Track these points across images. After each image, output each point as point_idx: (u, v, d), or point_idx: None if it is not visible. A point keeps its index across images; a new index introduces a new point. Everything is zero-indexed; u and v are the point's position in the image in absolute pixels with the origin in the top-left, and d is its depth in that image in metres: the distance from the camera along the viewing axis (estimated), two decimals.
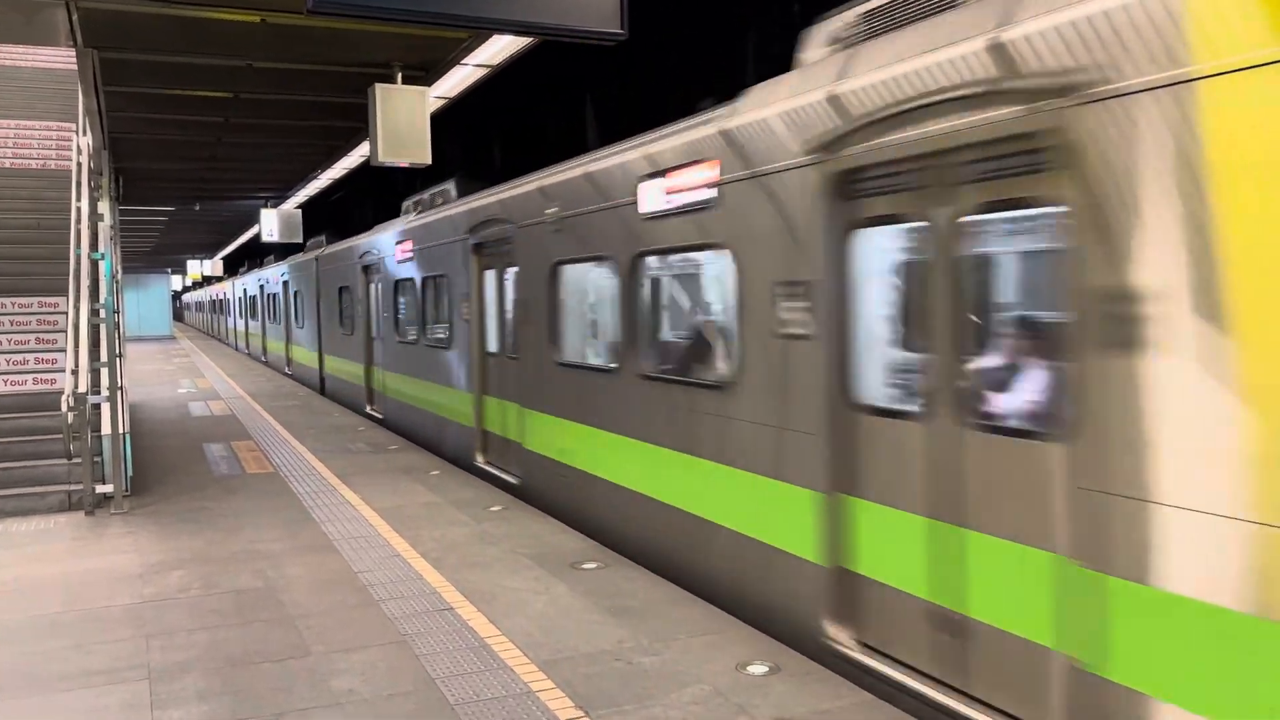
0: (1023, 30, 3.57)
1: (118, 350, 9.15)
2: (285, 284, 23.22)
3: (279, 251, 26.38)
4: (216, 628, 5.47)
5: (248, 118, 13.25)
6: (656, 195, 6.25)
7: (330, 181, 19.17)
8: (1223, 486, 2.93)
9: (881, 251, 4.74)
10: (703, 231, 5.80)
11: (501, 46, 9.63)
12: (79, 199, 10.94)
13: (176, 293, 64.96)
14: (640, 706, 4.34)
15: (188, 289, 67.31)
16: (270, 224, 20.04)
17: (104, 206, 10.42)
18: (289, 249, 24.02)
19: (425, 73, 10.32)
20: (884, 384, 4.76)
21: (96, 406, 8.81)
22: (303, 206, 21.81)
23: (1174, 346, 3.06)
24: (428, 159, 9.41)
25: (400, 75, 9.80)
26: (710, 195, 5.65)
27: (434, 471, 10.11)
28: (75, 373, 8.71)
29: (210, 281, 49.92)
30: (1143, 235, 3.15)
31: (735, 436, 5.55)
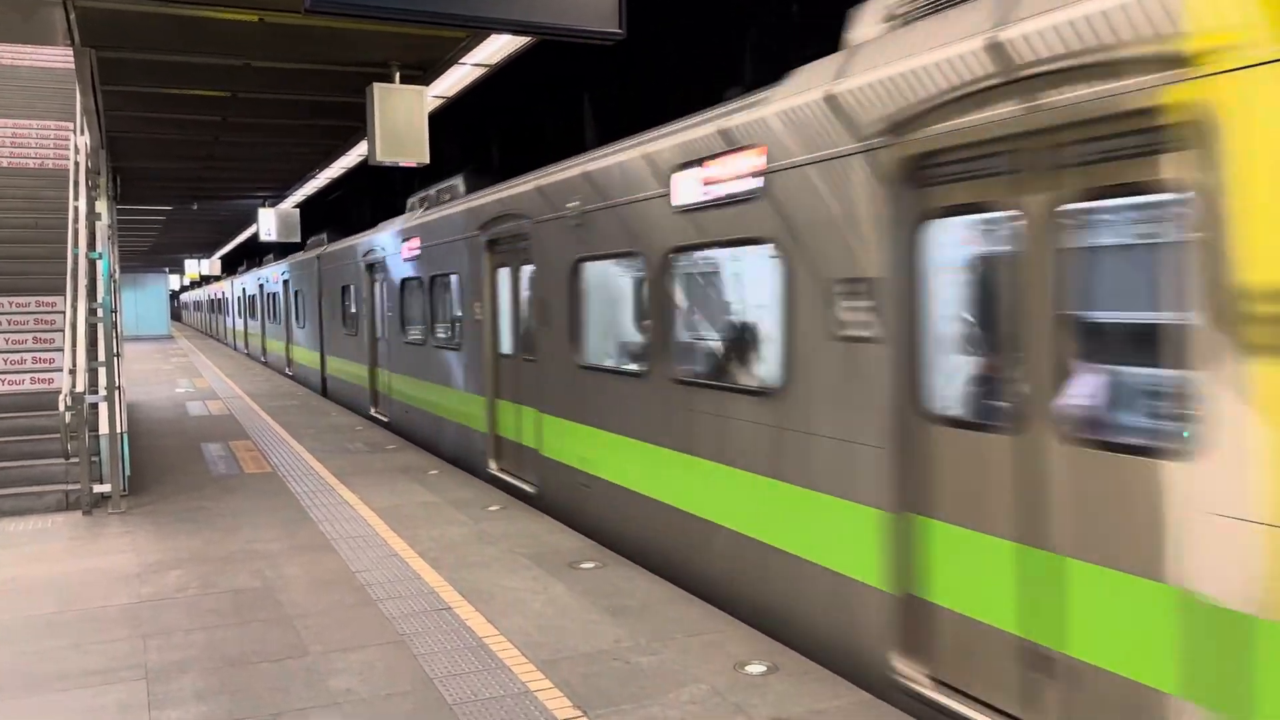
0: None
1: (115, 350, 9.13)
2: (286, 283, 23.07)
3: (278, 250, 26.36)
4: (214, 627, 5.47)
5: (245, 117, 13.26)
6: (692, 186, 5.90)
7: (328, 181, 19.17)
8: None
9: (960, 244, 4.31)
10: (746, 224, 5.40)
11: (500, 46, 9.64)
12: (77, 198, 10.95)
13: (174, 292, 64.94)
14: (638, 706, 4.34)
15: (185, 288, 67.31)
16: (268, 223, 20.07)
17: (101, 206, 10.39)
18: (288, 248, 23.99)
19: (423, 72, 10.33)
20: (962, 392, 4.31)
21: (94, 406, 8.81)
22: (300, 206, 21.81)
23: None
24: (426, 158, 9.42)
25: (398, 74, 9.82)
26: (755, 185, 5.27)
27: (432, 471, 10.10)
28: (73, 372, 8.71)
29: (208, 281, 49.91)
30: None
31: (784, 447, 5.12)
